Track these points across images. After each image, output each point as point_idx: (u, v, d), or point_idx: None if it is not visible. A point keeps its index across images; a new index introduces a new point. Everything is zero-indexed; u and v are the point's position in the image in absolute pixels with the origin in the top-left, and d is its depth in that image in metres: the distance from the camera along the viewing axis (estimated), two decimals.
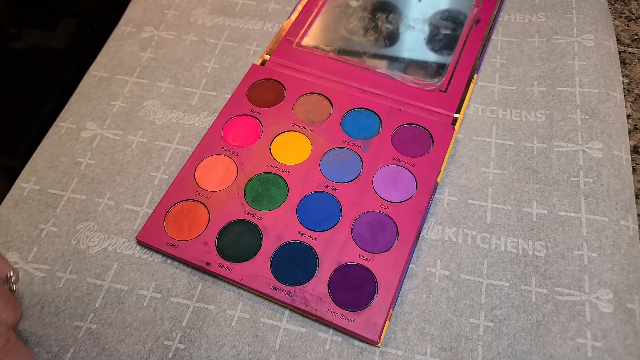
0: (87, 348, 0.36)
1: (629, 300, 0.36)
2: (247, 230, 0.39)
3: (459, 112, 0.45)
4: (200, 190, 0.41)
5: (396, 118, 0.45)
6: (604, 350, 0.34)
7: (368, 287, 0.37)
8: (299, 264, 0.38)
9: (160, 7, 0.56)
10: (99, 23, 0.56)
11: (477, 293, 0.37)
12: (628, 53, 0.52)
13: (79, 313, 0.37)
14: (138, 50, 0.53)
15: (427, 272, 0.38)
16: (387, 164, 0.42)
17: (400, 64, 0.50)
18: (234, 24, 0.54)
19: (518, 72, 0.48)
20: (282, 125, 0.45)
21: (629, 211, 0.40)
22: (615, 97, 0.45)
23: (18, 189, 0.43)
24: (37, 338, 0.36)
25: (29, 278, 0.39)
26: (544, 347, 0.35)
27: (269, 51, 0.51)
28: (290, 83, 0.47)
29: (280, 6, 0.55)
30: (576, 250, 0.38)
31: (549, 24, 0.51)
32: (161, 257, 0.40)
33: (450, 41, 0.51)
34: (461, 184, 0.42)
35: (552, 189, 0.41)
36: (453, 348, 0.35)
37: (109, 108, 0.48)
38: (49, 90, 0.51)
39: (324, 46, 0.51)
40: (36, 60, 0.54)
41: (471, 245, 0.39)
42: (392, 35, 0.52)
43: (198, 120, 0.47)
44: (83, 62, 0.52)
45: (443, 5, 0.54)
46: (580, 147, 0.43)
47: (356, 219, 0.40)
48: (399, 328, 0.36)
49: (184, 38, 0.53)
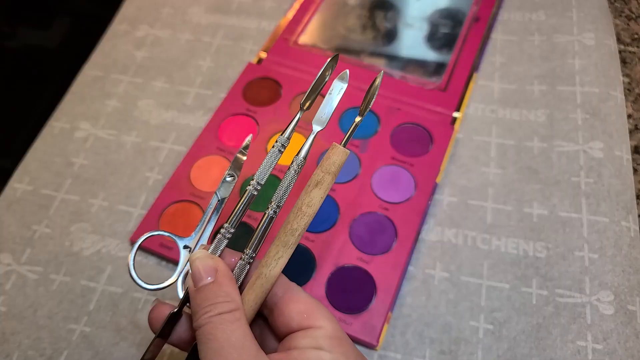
0: (81, 351, 0.35)
1: (630, 302, 0.35)
2: (243, 232, 0.39)
3: (459, 111, 0.45)
4: (195, 191, 0.41)
5: (395, 117, 0.44)
6: (604, 352, 0.34)
7: (366, 290, 0.36)
8: (295, 266, 0.37)
9: (155, 5, 0.56)
10: (93, 22, 0.56)
11: (477, 295, 0.37)
12: (628, 52, 0.51)
13: (72, 316, 0.37)
14: (132, 49, 0.52)
15: (426, 274, 0.38)
16: (386, 164, 0.42)
17: (399, 62, 0.49)
18: (230, 22, 0.54)
19: (518, 70, 0.48)
20: (278, 124, 0.44)
21: (630, 212, 0.39)
22: (615, 96, 0.45)
23: (11, 190, 0.43)
24: (31, 341, 0.36)
25: (22, 280, 0.38)
26: (544, 349, 0.34)
27: (265, 49, 0.50)
28: (286, 82, 0.47)
29: (277, 4, 0.55)
30: (577, 251, 0.38)
31: (549, 22, 0.51)
32: (156, 259, 0.39)
33: (449, 39, 0.50)
34: (461, 184, 0.42)
35: (552, 189, 0.41)
36: (452, 351, 0.35)
37: (103, 108, 0.48)
38: (42, 89, 0.51)
39: (321, 44, 0.50)
40: (29, 59, 0.54)
41: (471, 247, 0.39)
42: (390, 33, 0.51)
43: (193, 119, 0.47)
44: (77, 61, 0.51)
45: (442, 4, 0.53)
46: (581, 147, 0.42)
47: (354, 220, 0.39)
48: (398, 331, 0.36)
49: (179, 37, 0.53)
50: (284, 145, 0.27)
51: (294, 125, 0.27)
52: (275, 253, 0.25)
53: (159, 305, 0.27)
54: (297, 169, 0.26)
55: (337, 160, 0.25)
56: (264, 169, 0.27)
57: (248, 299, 0.25)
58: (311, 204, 0.25)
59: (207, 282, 0.24)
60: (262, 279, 0.25)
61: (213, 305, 0.23)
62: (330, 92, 0.27)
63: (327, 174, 0.25)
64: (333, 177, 0.25)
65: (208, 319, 0.23)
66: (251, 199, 0.27)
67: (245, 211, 0.27)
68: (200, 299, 0.24)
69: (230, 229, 0.26)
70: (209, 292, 0.24)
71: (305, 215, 0.25)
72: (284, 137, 0.27)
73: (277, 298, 0.25)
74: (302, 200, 0.25)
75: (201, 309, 0.24)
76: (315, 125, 0.27)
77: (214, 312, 0.23)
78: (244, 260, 0.26)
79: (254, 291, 0.25)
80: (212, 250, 0.26)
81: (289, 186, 0.26)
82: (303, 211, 0.25)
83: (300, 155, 0.26)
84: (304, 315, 0.25)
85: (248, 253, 0.26)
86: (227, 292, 0.24)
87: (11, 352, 0.36)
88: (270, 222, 0.26)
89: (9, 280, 0.38)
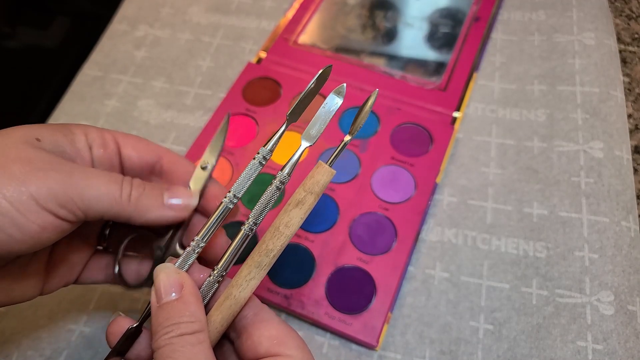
0: (81, 351, 0.35)
1: (630, 302, 0.35)
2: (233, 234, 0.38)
3: (459, 110, 0.45)
4: None
5: (395, 117, 0.44)
6: (604, 353, 0.34)
7: (366, 290, 0.36)
8: (295, 266, 0.37)
9: (154, 4, 0.56)
10: (93, 21, 0.56)
11: (477, 295, 0.37)
12: (628, 52, 0.51)
13: (72, 316, 0.37)
14: (132, 49, 0.52)
15: (426, 274, 0.38)
16: (386, 164, 0.42)
17: (399, 62, 0.49)
18: (229, 22, 0.54)
19: (518, 70, 0.48)
20: (278, 124, 0.44)
21: (630, 212, 0.39)
22: (616, 96, 0.45)
23: None
24: (30, 341, 0.36)
25: None
26: (544, 350, 0.34)
27: (265, 49, 0.50)
28: (286, 81, 0.47)
29: (276, 4, 0.55)
30: (577, 251, 0.38)
31: (549, 22, 0.51)
32: None
33: (449, 39, 0.50)
34: (461, 184, 0.42)
35: (553, 189, 0.41)
36: (452, 351, 0.35)
37: (103, 108, 0.48)
38: (42, 89, 0.51)
39: (321, 44, 0.50)
40: (29, 58, 0.53)
41: (471, 247, 0.39)
42: (390, 33, 0.51)
43: (193, 119, 0.47)
44: (76, 61, 0.51)
45: (442, 3, 0.53)
46: (581, 147, 0.42)
47: (354, 220, 0.39)
48: (398, 331, 0.36)
49: (179, 36, 0.53)
50: (266, 157, 0.25)
51: (277, 138, 0.25)
52: (247, 274, 0.24)
53: (119, 319, 0.25)
54: (280, 186, 0.24)
55: (322, 180, 0.23)
56: (242, 182, 0.25)
57: (214, 320, 0.23)
58: (290, 224, 0.23)
59: (172, 299, 0.23)
60: (230, 300, 0.23)
61: (176, 325, 0.22)
62: (324, 105, 0.25)
63: (310, 194, 0.23)
64: (316, 198, 0.24)
65: (169, 339, 0.22)
66: (226, 212, 0.25)
67: (219, 225, 0.25)
68: (162, 317, 0.22)
69: (200, 242, 0.25)
70: (173, 310, 0.22)
71: (282, 235, 0.23)
72: (266, 149, 0.25)
73: (247, 321, 0.24)
74: (280, 219, 0.24)
75: (162, 328, 0.22)
76: (304, 140, 0.25)
77: (176, 333, 0.22)
78: (213, 278, 0.24)
79: (221, 312, 0.23)
80: (180, 265, 0.25)
81: (268, 203, 0.24)
82: (280, 231, 0.23)
83: (285, 171, 0.24)
84: (274, 341, 0.23)
85: (218, 270, 0.24)
86: (192, 311, 0.23)
87: (11, 352, 0.36)
88: (246, 240, 0.25)
89: None
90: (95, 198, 0.23)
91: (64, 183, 0.23)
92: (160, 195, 0.26)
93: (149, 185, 0.26)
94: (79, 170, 0.24)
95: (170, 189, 0.27)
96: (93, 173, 0.24)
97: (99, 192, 0.23)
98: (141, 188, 0.25)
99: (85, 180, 0.23)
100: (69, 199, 0.23)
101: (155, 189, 0.26)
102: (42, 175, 0.22)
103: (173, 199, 0.27)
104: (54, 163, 0.23)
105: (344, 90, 0.25)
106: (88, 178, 0.23)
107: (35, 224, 0.22)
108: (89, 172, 0.24)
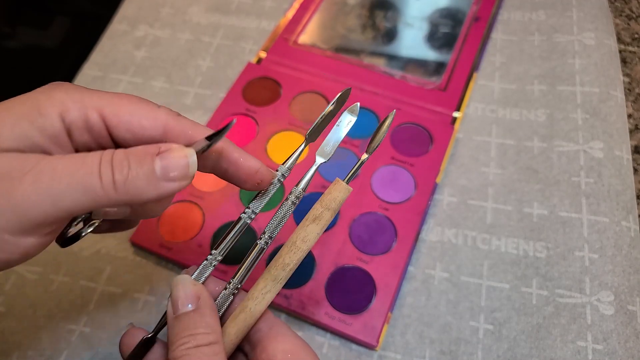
0: (80, 351, 0.35)
1: (630, 302, 0.35)
2: None
3: (459, 110, 0.45)
4: (194, 191, 0.41)
5: (395, 117, 0.44)
6: (604, 353, 0.34)
7: (366, 290, 0.36)
8: None
9: (154, 4, 0.55)
10: (93, 21, 0.56)
11: (477, 295, 0.37)
12: (628, 52, 0.51)
13: (72, 316, 0.37)
14: (132, 49, 0.52)
15: (426, 274, 0.38)
16: (386, 164, 0.42)
17: (399, 62, 0.49)
18: (229, 22, 0.54)
19: (518, 70, 0.48)
20: (278, 124, 0.44)
21: (630, 212, 0.39)
22: (616, 96, 0.45)
23: None
24: (30, 341, 0.36)
25: (21, 280, 0.38)
26: (544, 350, 0.34)
27: (265, 49, 0.50)
28: (286, 81, 0.47)
29: (276, 4, 0.55)
30: (577, 251, 0.38)
31: (549, 22, 0.51)
32: (155, 259, 0.39)
33: (449, 39, 0.50)
34: (461, 184, 0.42)
35: (553, 189, 0.41)
36: (452, 351, 0.35)
37: None
38: None
39: (321, 44, 0.50)
40: (29, 58, 0.53)
41: (471, 247, 0.39)
42: (390, 33, 0.51)
43: (193, 119, 0.46)
44: (76, 61, 0.51)
45: (442, 3, 0.53)
46: (581, 147, 0.42)
47: (354, 220, 0.39)
48: (398, 331, 0.36)
49: (179, 36, 0.53)
50: (284, 175, 0.26)
51: (296, 157, 0.26)
52: (263, 287, 0.24)
53: (132, 329, 0.25)
54: (295, 201, 0.25)
55: (339, 197, 0.24)
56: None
57: (229, 332, 0.24)
58: (306, 239, 0.24)
59: (188, 310, 0.23)
60: (246, 313, 0.24)
61: (192, 336, 0.22)
62: (338, 123, 0.26)
63: (327, 210, 0.24)
64: (332, 214, 0.24)
65: (185, 350, 0.22)
66: (244, 227, 0.25)
67: (236, 240, 0.26)
68: (179, 327, 0.22)
69: (217, 256, 0.25)
70: (189, 321, 0.23)
71: (299, 250, 0.24)
72: (285, 167, 0.26)
73: (262, 334, 0.24)
74: (297, 234, 0.24)
75: (179, 339, 0.22)
76: (318, 157, 0.26)
77: (192, 344, 0.22)
78: (229, 290, 0.25)
79: (237, 325, 0.24)
80: (196, 277, 0.25)
81: (284, 217, 0.25)
82: (297, 246, 0.24)
83: (300, 187, 0.25)
84: (288, 355, 0.23)
85: (234, 283, 0.25)
86: (208, 323, 0.23)
87: (11, 352, 0.36)
88: (261, 253, 0.25)
89: (8, 280, 0.38)
90: (70, 200, 0.19)
91: (19, 208, 0.19)
92: (151, 166, 0.20)
93: (134, 157, 0.20)
94: (31, 181, 0.19)
95: (162, 154, 0.21)
96: (56, 171, 0.19)
97: (73, 193, 0.19)
98: (125, 166, 0.20)
99: (48, 187, 0.19)
100: (37, 222, 0.19)
101: (143, 160, 0.20)
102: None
103: (170, 168, 0.21)
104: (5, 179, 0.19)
105: (357, 109, 0.26)
106: (52, 179, 0.19)
107: (16, 254, 0.20)
108: (51, 172, 0.19)
